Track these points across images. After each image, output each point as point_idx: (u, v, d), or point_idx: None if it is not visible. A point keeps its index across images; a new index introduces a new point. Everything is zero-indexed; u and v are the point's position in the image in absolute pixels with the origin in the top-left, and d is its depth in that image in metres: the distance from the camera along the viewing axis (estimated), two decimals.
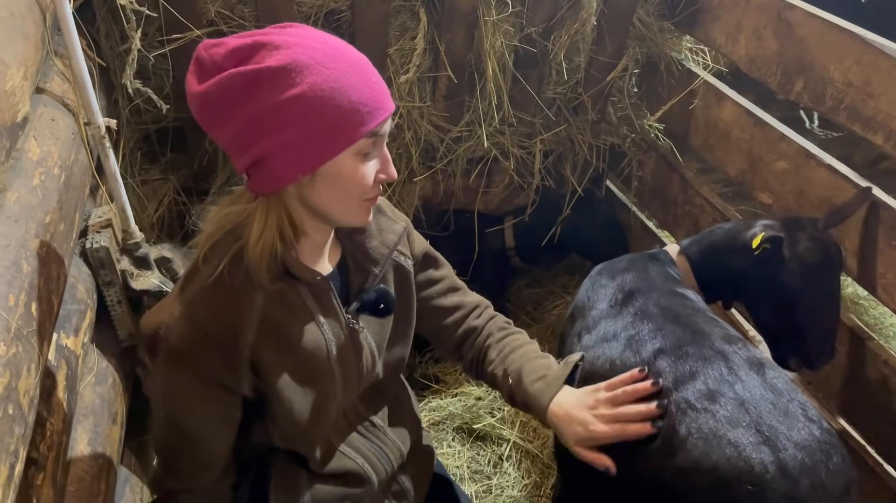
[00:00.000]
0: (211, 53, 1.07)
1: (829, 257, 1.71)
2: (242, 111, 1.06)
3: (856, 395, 2.02)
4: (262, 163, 1.10)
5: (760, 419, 1.30)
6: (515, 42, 2.45)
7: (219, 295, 1.17)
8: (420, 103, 2.48)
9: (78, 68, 1.59)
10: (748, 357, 1.46)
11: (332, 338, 1.29)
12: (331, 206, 1.18)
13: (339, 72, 1.07)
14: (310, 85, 1.05)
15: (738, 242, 1.78)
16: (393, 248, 1.38)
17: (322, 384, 1.31)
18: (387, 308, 1.35)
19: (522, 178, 2.84)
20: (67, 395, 1.38)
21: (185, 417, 1.24)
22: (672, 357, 1.46)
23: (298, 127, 1.07)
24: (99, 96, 1.76)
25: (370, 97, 1.10)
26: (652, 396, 1.39)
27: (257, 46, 1.06)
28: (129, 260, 1.80)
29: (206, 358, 1.18)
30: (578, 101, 2.76)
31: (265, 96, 1.05)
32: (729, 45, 2.39)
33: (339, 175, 1.13)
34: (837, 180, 1.99)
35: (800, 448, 1.27)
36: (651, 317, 1.61)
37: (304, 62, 1.05)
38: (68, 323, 1.47)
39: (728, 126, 2.43)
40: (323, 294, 1.27)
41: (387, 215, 1.41)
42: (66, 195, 1.44)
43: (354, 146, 1.11)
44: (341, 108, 1.07)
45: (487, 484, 2.41)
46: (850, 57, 1.91)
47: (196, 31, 2.06)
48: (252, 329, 1.19)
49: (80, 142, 1.62)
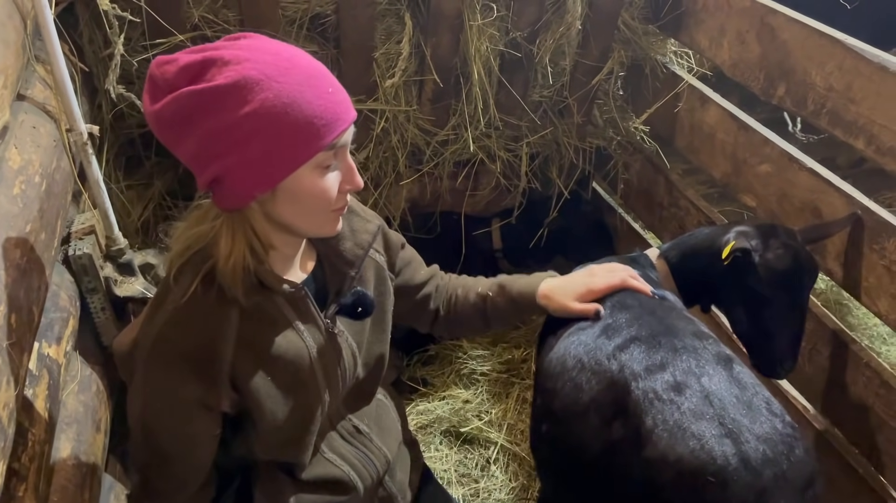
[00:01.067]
0: (163, 71, 1.05)
1: (800, 267, 1.73)
2: (197, 130, 1.05)
3: (839, 397, 2.03)
4: (221, 181, 1.09)
5: (724, 412, 1.34)
6: (501, 46, 2.45)
7: (194, 314, 1.16)
8: (406, 107, 2.48)
9: (60, 74, 1.57)
10: (717, 352, 1.50)
11: (313, 344, 1.29)
12: (296, 220, 1.17)
13: (290, 86, 1.05)
14: (261, 102, 1.03)
15: (714, 248, 1.80)
16: (368, 248, 1.37)
17: (306, 391, 1.30)
18: (365, 311, 1.35)
19: (509, 180, 2.84)
20: (50, 404, 1.37)
21: (163, 437, 1.23)
22: (645, 345, 1.50)
23: (253, 145, 1.05)
24: (81, 102, 1.75)
25: (325, 109, 1.07)
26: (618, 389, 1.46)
27: (207, 63, 1.04)
28: (112, 266, 1.79)
29: (184, 377, 1.17)
30: (564, 104, 2.76)
31: (218, 115, 1.03)
32: (713, 49, 2.40)
33: (300, 190, 1.11)
34: (820, 183, 2.01)
35: (762, 440, 1.30)
36: (629, 308, 1.64)
37: (254, 78, 1.03)
38: (50, 331, 1.46)
39: (712, 129, 2.45)
40: (300, 301, 1.27)
41: (359, 215, 1.40)
42: (48, 203, 1.43)
43: (313, 160, 1.09)
44: (296, 124, 1.05)
45: (475, 487, 2.41)
46: (832, 62, 1.93)
47: (179, 35, 2.05)
48: (230, 345, 1.18)
49: (63, 148, 1.61)
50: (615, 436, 1.43)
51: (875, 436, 1.93)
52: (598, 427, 1.47)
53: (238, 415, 1.27)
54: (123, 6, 1.94)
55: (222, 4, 2.12)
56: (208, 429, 1.25)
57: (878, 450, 1.92)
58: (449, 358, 2.89)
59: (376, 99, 2.41)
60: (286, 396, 1.27)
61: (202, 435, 1.25)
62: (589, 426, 1.49)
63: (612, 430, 1.43)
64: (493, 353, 2.91)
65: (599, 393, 1.50)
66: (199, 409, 1.20)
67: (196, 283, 1.15)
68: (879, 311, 1.87)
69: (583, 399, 1.52)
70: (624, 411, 1.43)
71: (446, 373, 2.84)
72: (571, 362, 1.59)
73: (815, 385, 2.11)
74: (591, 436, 1.47)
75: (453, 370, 2.84)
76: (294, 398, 1.28)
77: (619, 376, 1.47)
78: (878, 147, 1.82)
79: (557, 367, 1.63)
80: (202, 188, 1.13)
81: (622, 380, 1.46)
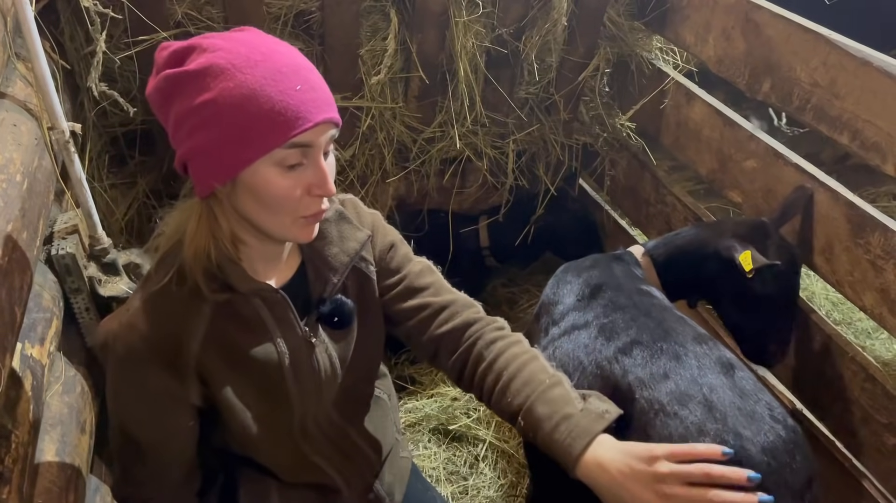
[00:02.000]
0: (159, 55, 1.09)
1: (793, 263, 1.76)
2: (170, 113, 1.08)
3: (825, 391, 2.05)
4: (187, 166, 1.11)
5: (726, 426, 1.33)
6: (487, 43, 2.45)
7: (164, 304, 1.16)
8: (392, 104, 2.47)
9: (41, 72, 1.55)
10: (718, 357, 1.49)
11: (286, 352, 1.25)
12: (260, 217, 1.13)
13: (254, 78, 1.03)
14: (220, 90, 1.02)
15: (708, 250, 1.82)
16: (353, 257, 1.33)
17: (275, 397, 1.28)
18: (342, 321, 1.32)
19: (496, 177, 2.84)
20: (33, 406, 1.35)
21: (135, 425, 1.23)
22: (648, 351, 1.49)
23: (209, 132, 1.04)
24: (63, 100, 1.73)
25: (290, 106, 1.04)
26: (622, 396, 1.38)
27: (189, 50, 1.07)
28: (96, 266, 1.77)
29: (151, 366, 1.16)
30: (550, 100, 2.76)
31: (183, 100, 1.05)
32: (698, 46, 2.41)
33: (258, 186, 1.08)
34: (805, 179, 2.02)
35: (766, 452, 1.30)
36: (624, 309, 1.63)
37: (220, 66, 1.03)
38: (33, 332, 1.44)
39: (698, 125, 2.46)
40: (277, 306, 1.24)
41: (351, 223, 1.36)
42: (29, 202, 1.41)
43: (271, 156, 1.06)
44: (252, 116, 1.02)
45: (464, 485, 2.41)
46: (816, 57, 1.94)
47: (163, 32, 2.04)
48: (197, 339, 1.17)
49: (44, 147, 1.59)
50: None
51: (860, 430, 1.94)
52: None
53: (210, 409, 1.26)
54: (105, 3, 1.92)
55: (206, 1, 2.10)
56: (180, 420, 1.24)
57: (863, 444, 1.94)
58: None
59: (362, 96, 2.40)
60: (255, 399, 1.26)
61: (175, 425, 1.24)
62: None
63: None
64: None
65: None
66: (168, 400, 1.20)
67: (172, 274, 1.15)
68: (864, 306, 1.88)
69: None
70: (628, 418, 1.40)
71: (434, 370, 2.83)
72: (572, 365, 1.57)
73: (801, 379, 2.13)
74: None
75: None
76: (263, 402, 1.27)
77: (623, 381, 1.46)
78: (862, 142, 1.84)
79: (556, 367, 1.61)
80: (179, 172, 1.14)
81: (626, 387, 1.45)
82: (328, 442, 1.42)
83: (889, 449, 1.85)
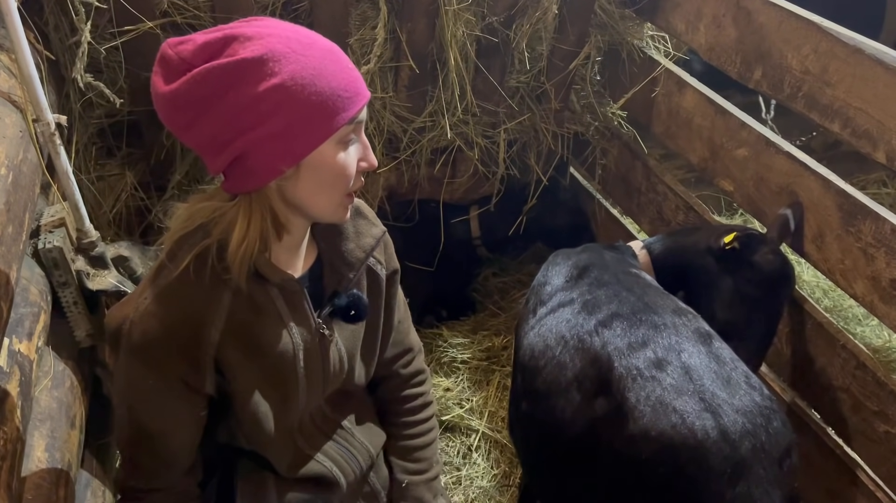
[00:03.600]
0: (178, 51, 1.04)
1: (783, 274, 1.82)
2: (219, 107, 1.03)
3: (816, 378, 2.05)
4: (243, 159, 1.08)
5: (704, 387, 1.38)
6: (477, 31, 2.43)
7: (184, 292, 1.15)
8: (382, 94, 2.45)
9: (24, 63, 1.53)
10: (696, 328, 1.54)
11: (300, 343, 1.26)
12: (313, 199, 1.15)
13: (316, 59, 1.06)
14: (290, 73, 1.03)
15: (700, 245, 1.84)
16: (369, 253, 1.34)
17: (286, 387, 1.29)
18: (358, 314, 1.33)
19: (487, 167, 2.83)
20: (21, 402, 1.34)
21: (146, 414, 1.22)
22: (628, 322, 1.54)
23: (280, 117, 1.04)
24: (48, 91, 1.71)
25: (348, 83, 1.09)
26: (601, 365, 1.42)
27: (228, 40, 1.04)
28: (84, 259, 1.75)
29: (169, 354, 1.16)
30: (541, 89, 2.75)
31: (243, 89, 1.02)
32: (689, 34, 2.40)
33: (323, 165, 1.11)
34: (796, 167, 2.02)
35: (741, 413, 1.35)
36: (608, 285, 1.68)
37: (280, 51, 1.03)
38: (21, 327, 1.43)
39: (689, 114, 2.45)
40: (294, 296, 1.25)
41: (367, 219, 1.38)
42: (15, 196, 1.39)
43: (337, 134, 1.09)
44: (322, 96, 1.05)
45: (457, 475, 2.41)
46: (808, 45, 1.93)
47: (148, 23, 2.01)
48: (217, 328, 1.16)
49: (29, 139, 1.56)
50: (597, 412, 1.45)
51: (851, 417, 1.95)
52: (582, 403, 1.49)
53: (222, 400, 1.25)
54: None
55: None
56: (192, 409, 1.23)
57: (854, 431, 1.95)
58: (429, 346, 2.88)
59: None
60: (267, 388, 1.26)
61: (185, 414, 1.23)
62: (571, 402, 1.51)
63: (595, 406, 1.46)
64: (474, 341, 2.90)
65: (583, 369, 1.52)
66: (181, 388, 1.19)
67: (189, 260, 1.13)
68: (855, 293, 1.88)
69: (567, 376, 1.54)
70: (607, 387, 1.46)
71: (426, 361, 2.82)
72: (554, 339, 1.61)
73: (792, 366, 2.13)
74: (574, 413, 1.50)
75: (433, 358, 2.83)
76: (274, 391, 1.27)
77: (603, 352, 1.50)
78: (853, 130, 1.83)
79: (539, 345, 1.64)
80: (216, 171, 1.11)
81: (605, 357, 1.49)
82: (322, 436, 1.43)
83: (880, 435, 1.87)
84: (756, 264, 1.79)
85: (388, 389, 1.57)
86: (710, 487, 1.32)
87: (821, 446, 2.03)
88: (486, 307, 3.10)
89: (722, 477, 1.31)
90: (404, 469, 1.55)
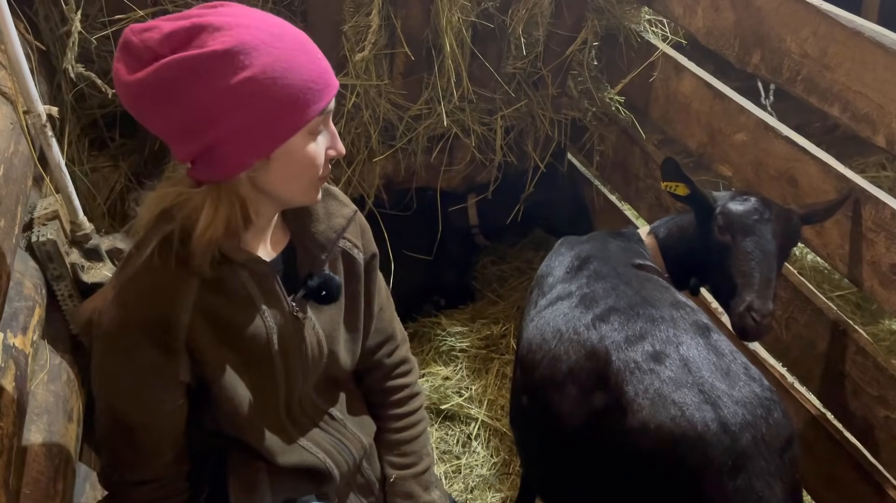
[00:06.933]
0: (143, 39, 1.02)
1: (760, 215, 1.75)
2: (186, 98, 1.02)
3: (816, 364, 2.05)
4: (213, 150, 1.07)
5: (703, 379, 1.37)
6: (473, 17, 2.40)
7: (151, 279, 1.14)
8: (377, 81, 2.43)
9: (14, 54, 1.51)
10: (694, 321, 1.53)
11: (274, 326, 1.26)
12: (284, 187, 1.17)
13: (286, 51, 1.05)
14: (261, 67, 1.03)
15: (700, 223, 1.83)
16: (340, 233, 1.34)
17: (262, 373, 1.28)
18: (329, 295, 1.32)
19: (484, 154, 2.81)
20: (18, 396, 1.33)
21: (123, 405, 1.21)
22: (625, 316, 1.53)
23: (251, 111, 1.04)
24: (39, 82, 1.69)
25: (318, 75, 1.09)
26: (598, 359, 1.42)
27: (197, 29, 1.02)
28: (79, 252, 1.74)
29: (140, 343, 1.15)
30: (538, 75, 2.73)
31: (213, 81, 1.02)
32: (687, 17, 2.38)
33: (294, 156, 1.12)
34: (796, 152, 2.00)
35: (740, 404, 1.34)
36: (606, 278, 1.67)
37: (251, 43, 1.02)
38: (15, 321, 1.42)
39: (687, 98, 2.43)
40: (264, 279, 1.24)
41: (337, 199, 1.37)
42: (6, 189, 1.38)
43: (308, 125, 1.10)
44: (293, 88, 1.06)
45: (457, 463, 2.41)
46: (807, 28, 1.91)
47: (139, 11, 1.99)
48: (186, 312, 1.16)
49: (21, 131, 1.55)
50: (596, 405, 1.45)
51: (852, 403, 1.95)
52: (579, 397, 1.49)
53: (201, 387, 1.24)
54: None
55: None
56: (169, 398, 1.23)
57: (854, 416, 1.95)
58: (428, 335, 2.87)
59: (346, 73, 2.35)
60: (243, 374, 1.25)
61: (163, 404, 1.23)
62: (569, 396, 1.51)
63: (593, 400, 1.46)
64: (472, 330, 2.90)
65: (579, 363, 1.51)
66: (157, 377, 1.19)
67: (153, 248, 1.13)
68: (855, 278, 1.88)
69: (562, 369, 1.53)
70: (605, 381, 1.45)
71: (425, 350, 2.82)
72: (551, 333, 1.60)
73: (792, 352, 2.13)
74: (571, 407, 1.49)
75: (432, 347, 2.83)
76: (250, 377, 1.26)
77: (600, 346, 1.49)
78: (853, 114, 1.82)
79: (537, 338, 1.64)
80: (184, 159, 1.10)
81: (603, 351, 1.48)
82: (314, 426, 1.42)
83: (880, 420, 1.86)
84: (725, 209, 1.76)
85: (374, 380, 1.55)
86: (711, 479, 1.31)
87: (820, 431, 2.03)
88: (485, 295, 3.10)
89: (722, 469, 1.30)
90: (392, 464, 1.53)
